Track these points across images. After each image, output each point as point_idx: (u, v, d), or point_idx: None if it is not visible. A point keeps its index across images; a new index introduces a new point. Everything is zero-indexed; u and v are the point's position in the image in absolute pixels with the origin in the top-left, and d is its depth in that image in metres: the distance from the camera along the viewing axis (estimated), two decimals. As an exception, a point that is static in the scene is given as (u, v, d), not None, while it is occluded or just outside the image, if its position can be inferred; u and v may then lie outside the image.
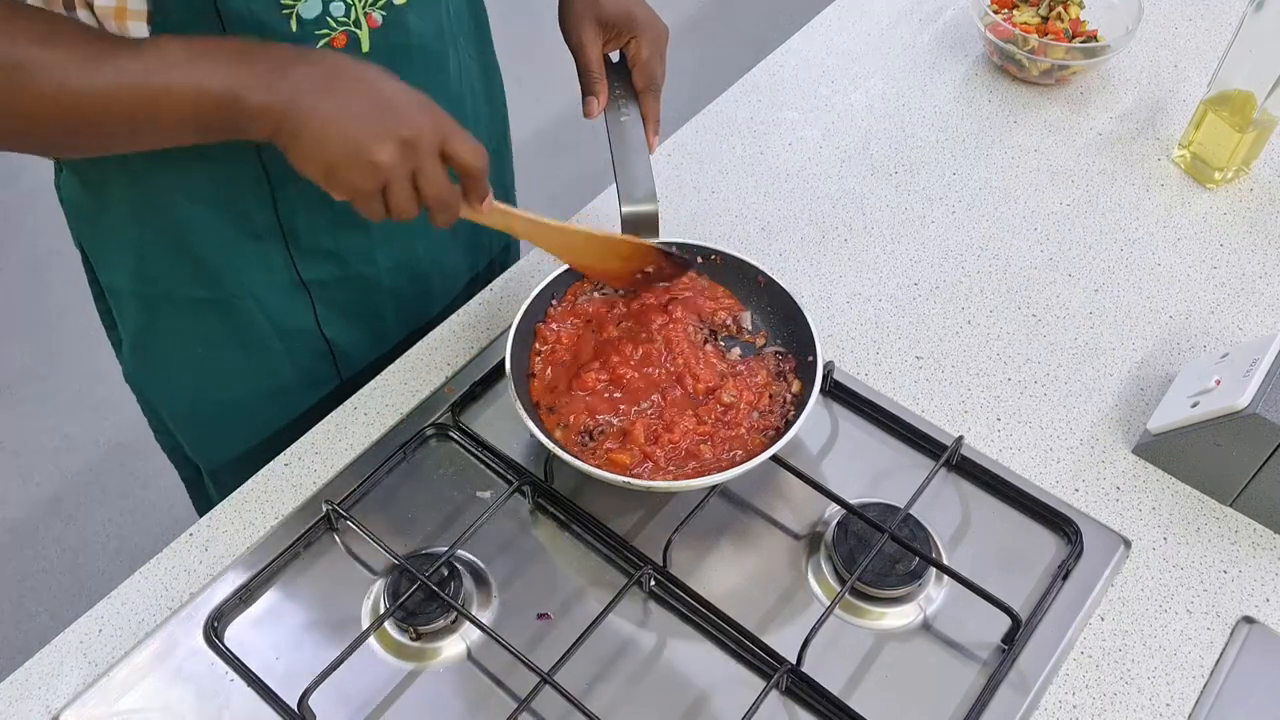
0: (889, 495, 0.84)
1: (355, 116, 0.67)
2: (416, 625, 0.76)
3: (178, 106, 0.67)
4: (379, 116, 0.67)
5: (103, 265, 0.91)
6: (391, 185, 0.69)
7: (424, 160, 0.69)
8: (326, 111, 0.66)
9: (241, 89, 0.66)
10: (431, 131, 0.69)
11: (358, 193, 0.69)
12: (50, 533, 1.95)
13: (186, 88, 0.66)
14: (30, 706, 0.74)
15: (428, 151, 0.69)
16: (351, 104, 0.67)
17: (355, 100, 0.67)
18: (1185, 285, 1.02)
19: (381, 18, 0.78)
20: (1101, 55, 1.18)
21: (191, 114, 0.67)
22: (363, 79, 0.69)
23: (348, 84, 0.68)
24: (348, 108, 0.67)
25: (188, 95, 0.66)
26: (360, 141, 0.67)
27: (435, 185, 0.70)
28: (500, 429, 0.89)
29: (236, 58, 0.68)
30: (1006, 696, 0.75)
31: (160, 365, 0.96)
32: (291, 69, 0.67)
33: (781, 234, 1.06)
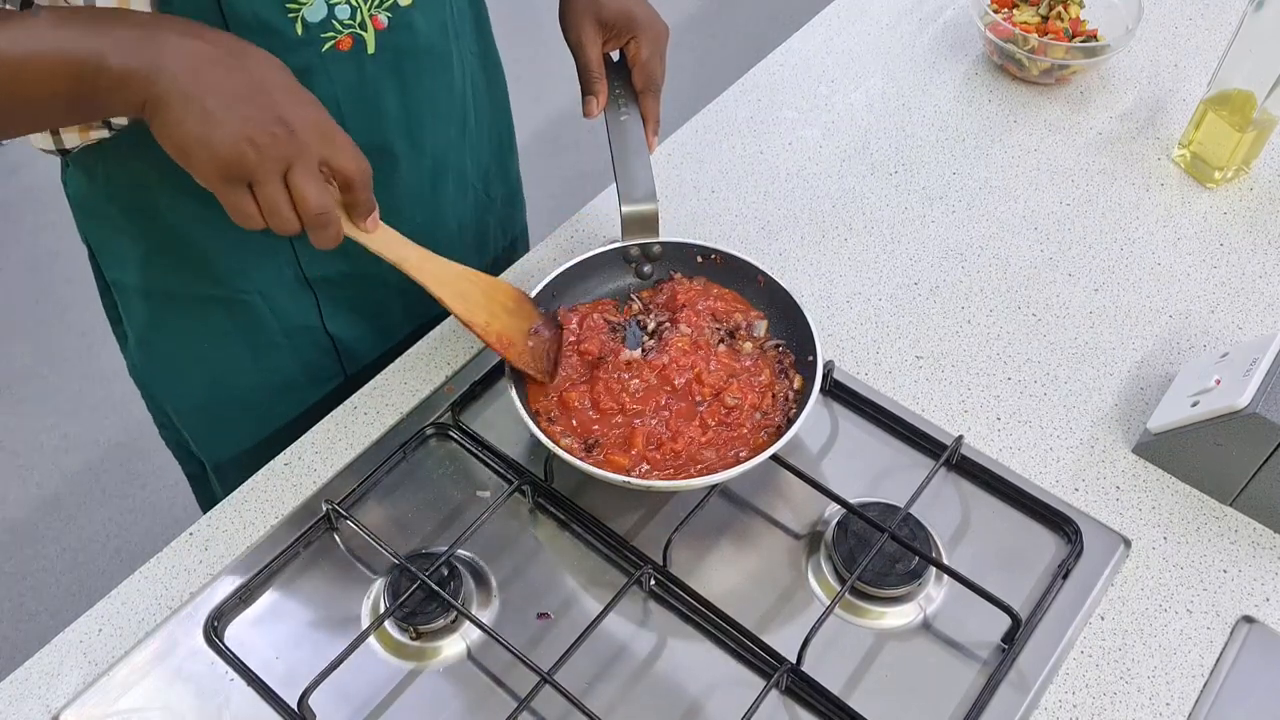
0: (889, 495, 0.84)
1: (226, 96, 0.62)
2: (416, 625, 0.76)
3: (39, 76, 0.63)
4: (252, 100, 0.62)
5: (109, 261, 0.91)
6: (259, 179, 0.63)
7: (297, 158, 0.64)
8: (191, 85, 0.61)
9: (105, 53, 0.62)
10: (309, 128, 0.64)
11: (219, 180, 0.63)
12: (50, 532, 1.95)
13: (48, 54, 0.62)
14: (30, 706, 0.74)
15: (302, 149, 0.64)
16: (226, 82, 0.62)
17: (231, 79, 0.62)
18: (1185, 285, 1.02)
19: (387, 19, 0.78)
20: (1101, 55, 1.18)
21: (52, 84, 0.63)
22: (246, 62, 0.64)
23: (227, 62, 0.63)
24: (221, 86, 0.62)
25: (49, 63, 0.62)
26: (222, 121, 0.61)
27: (306, 189, 0.64)
28: (500, 428, 0.89)
29: (106, 24, 0.63)
30: (1006, 696, 0.75)
31: (166, 361, 0.96)
32: (167, 37, 0.62)
33: (781, 233, 1.06)
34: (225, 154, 0.62)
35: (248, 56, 0.64)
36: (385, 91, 0.82)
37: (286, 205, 0.65)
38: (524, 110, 1.13)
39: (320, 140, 0.65)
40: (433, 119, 0.88)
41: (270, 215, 0.65)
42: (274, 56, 0.66)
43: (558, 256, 1.03)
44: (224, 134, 0.61)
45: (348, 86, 0.80)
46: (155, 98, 0.62)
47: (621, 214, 0.92)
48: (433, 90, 0.86)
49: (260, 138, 0.62)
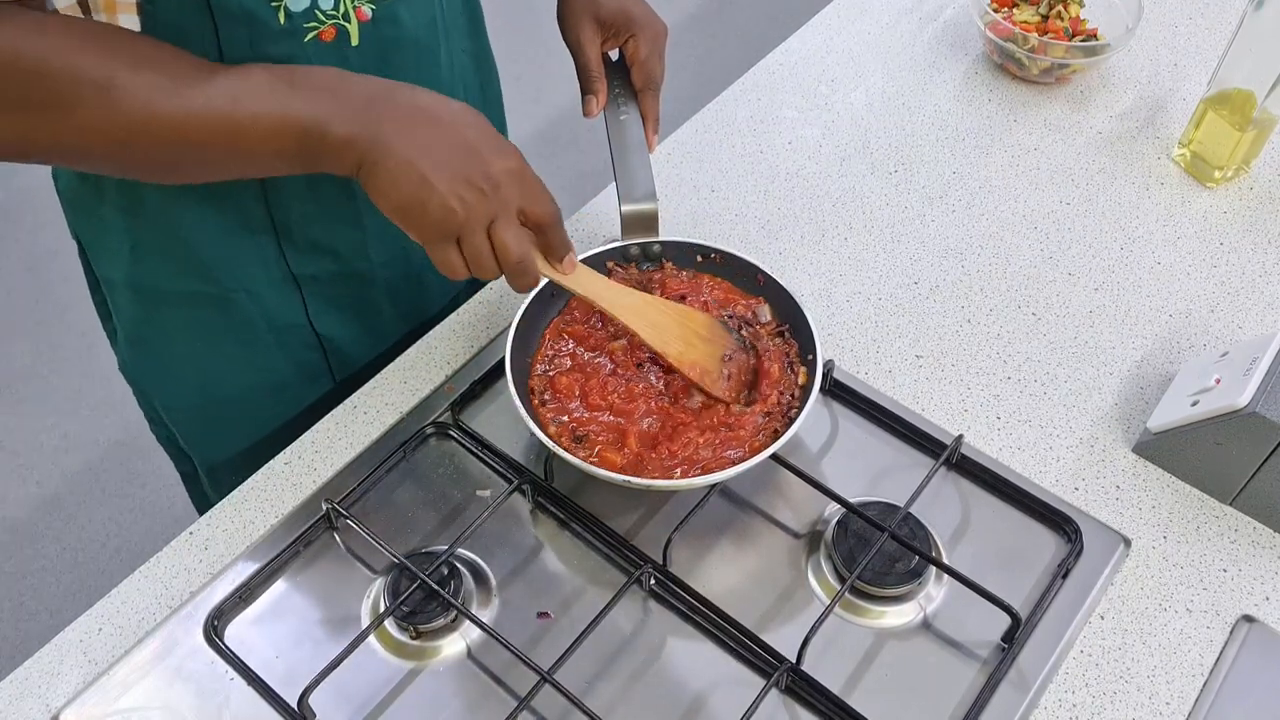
0: (889, 494, 0.84)
1: (435, 159, 0.67)
2: (416, 624, 0.76)
3: (264, 135, 0.67)
4: (459, 161, 0.68)
5: (98, 257, 0.91)
6: (465, 234, 0.69)
7: (499, 211, 0.69)
8: (407, 150, 0.67)
9: (328, 120, 0.67)
10: (510, 181, 0.69)
11: (430, 237, 0.69)
12: (50, 531, 1.95)
13: (274, 116, 0.67)
14: (30, 705, 0.74)
15: (503, 204, 0.69)
16: (434, 146, 0.67)
17: (439, 142, 0.68)
18: (1185, 284, 1.02)
19: (371, 11, 0.78)
20: (1101, 54, 1.18)
21: (275, 143, 0.68)
22: (451, 122, 0.69)
23: (434, 125, 0.68)
24: (429, 149, 0.67)
25: (274, 123, 0.67)
26: (435, 184, 0.67)
27: (507, 239, 0.70)
28: (500, 428, 0.89)
29: (326, 88, 0.68)
30: (1006, 695, 0.75)
31: (155, 358, 0.95)
32: (380, 104, 0.68)
33: (781, 233, 1.06)
34: (438, 216, 0.68)
35: (452, 114, 0.70)
36: None
37: (489, 256, 0.70)
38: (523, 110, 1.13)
39: (519, 191, 0.70)
40: None
41: (474, 266, 0.71)
42: (475, 110, 0.71)
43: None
44: (437, 197, 0.67)
45: None
46: (372, 163, 0.67)
47: (621, 213, 0.92)
48: (418, 84, 0.86)
49: (469, 196, 0.68)
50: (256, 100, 0.67)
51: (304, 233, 0.87)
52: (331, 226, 0.89)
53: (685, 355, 0.83)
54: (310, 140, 0.67)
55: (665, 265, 0.93)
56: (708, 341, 0.85)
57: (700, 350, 0.84)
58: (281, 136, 0.67)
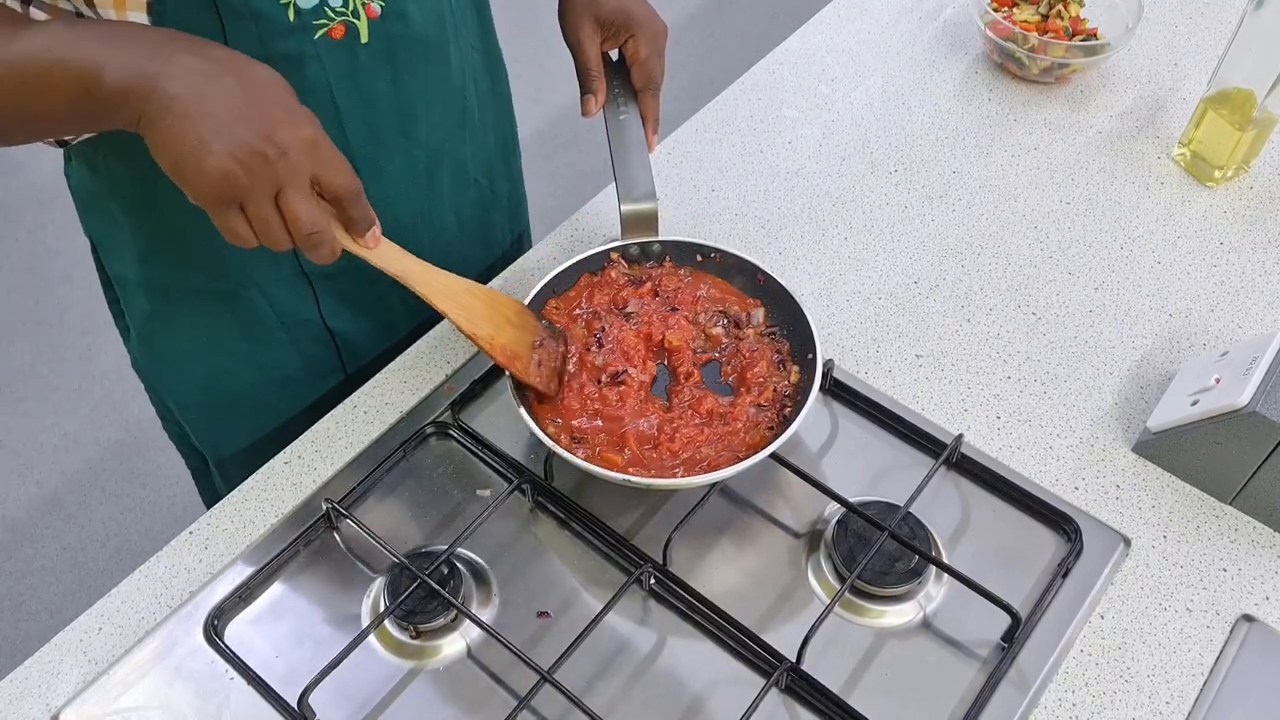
0: (889, 493, 0.84)
1: (217, 117, 0.61)
2: (416, 623, 0.76)
3: (42, 84, 0.64)
4: (244, 122, 0.62)
5: (110, 256, 0.91)
6: (248, 201, 0.63)
7: (288, 179, 0.63)
8: (189, 104, 0.61)
9: (104, 65, 0.62)
10: (300, 148, 0.63)
11: (207, 200, 0.63)
12: (50, 531, 1.95)
13: (52, 63, 0.63)
14: (30, 704, 0.74)
15: (292, 171, 0.63)
16: (220, 103, 0.62)
17: (224, 100, 0.62)
18: (1185, 283, 1.02)
19: (380, 8, 0.78)
20: (1101, 53, 1.18)
21: (51, 93, 0.64)
22: (242, 81, 0.63)
23: (222, 81, 0.62)
24: (215, 106, 0.61)
25: (50, 70, 0.63)
26: (211, 144, 0.61)
27: (298, 209, 0.64)
28: (500, 427, 0.89)
29: (112, 37, 0.64)
30: (1006, 694, 0.75)
31: (167, 354, 0.96)
32: (167, 54, 0.62)
33: (781, 232, 1.06)
34: (215, 176, 0.62)
35: (247, 74, 0.64)
36: (378, 80, 0.82)
37: (279, 225, 0.65)
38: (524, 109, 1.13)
39: (311, 159, 0.64)
40: (426, 110, 0.88)
41: (262, 235, 0.65)
42: (276, 73, 0.66)
43: (557, 255, 1.03)
44: (215, 156, 0.61)
45: (340, 74, 0.80)
46: (150, 115, 0.62)
47: (621, 213, 0.92)
48: (426, 81, 0.86)
49: (250, 160, 0.62)
50: (37, 49, 0.64)
51: None
52: None
53: (495, 339, 0.81)
54: (83, 88, 0.63)
55: (665, 263, 0.93)
56: (517, 327, 0.83)
57: (509, 335, 0.82)
58: (57, 87, 0.63)
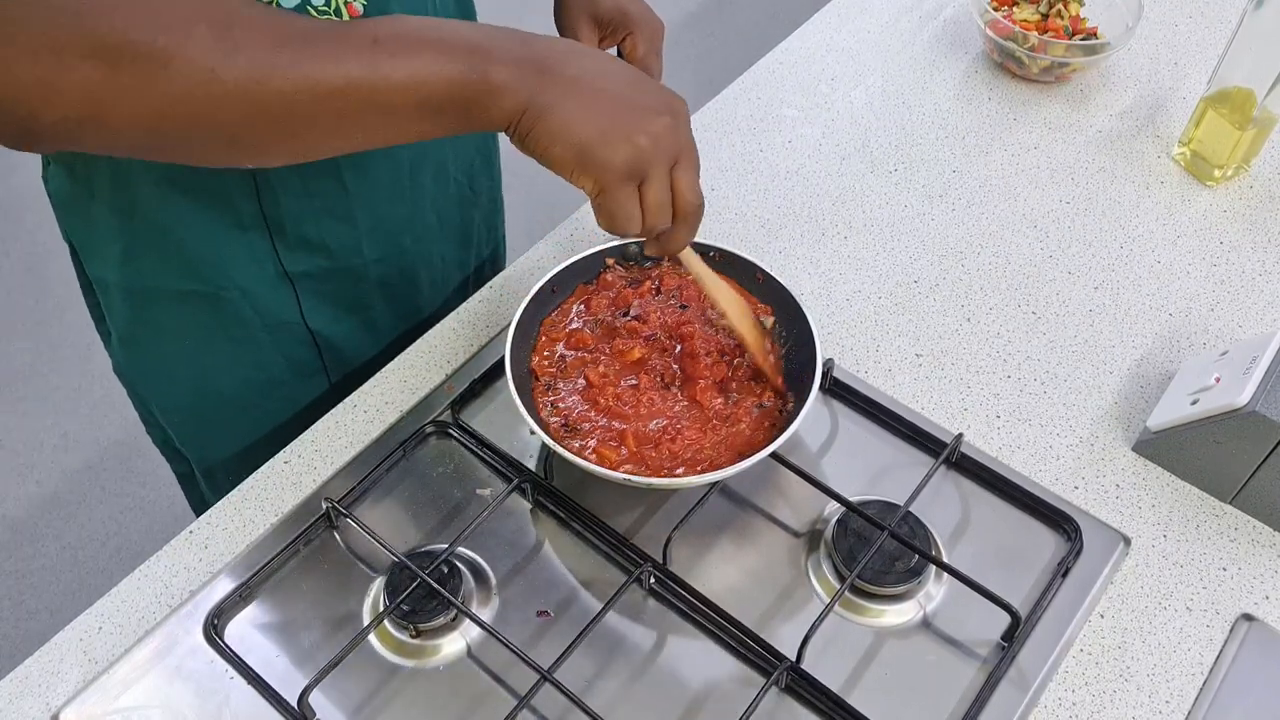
0: (888, 493, 0.84)
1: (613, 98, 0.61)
2: (416, 623, 0.76)
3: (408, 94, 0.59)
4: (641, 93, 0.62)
5: (90, 258, 0.91)
6: (652, 174, 0.62)
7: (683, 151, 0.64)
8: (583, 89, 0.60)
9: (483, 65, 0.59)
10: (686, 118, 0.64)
11: (619, 179, 0.62)
12: (50, 530, 1.95)
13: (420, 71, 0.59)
14: (30, 704, 0.74)
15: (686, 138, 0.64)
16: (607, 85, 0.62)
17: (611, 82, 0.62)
18: (1185, 283, 1.02)
19: (362, 7, 0.78)
20: (1101, 53, 1.18)
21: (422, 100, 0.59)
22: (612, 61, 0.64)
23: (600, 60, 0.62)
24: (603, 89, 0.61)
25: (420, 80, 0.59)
26: (619, 118, 0.61)
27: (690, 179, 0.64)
28: (500, 426, 0.89)
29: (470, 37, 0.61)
30: (1006, 694, 0.75)
31: (149, 358, 0.95)
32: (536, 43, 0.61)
33: (781, 231, 1.06)
34: (630, 152, 0.61)
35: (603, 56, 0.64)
36: None
37: (669, 203, 0.65)
38: (522, 108, 1.12)
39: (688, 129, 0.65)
40: None
41: (653, 213, 0.64)
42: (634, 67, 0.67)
43: (556, 254, 1.03)
44: (622, 129, 0.60)
45: None
46: (545, 103, 0.60)
47: (621, 212, 0.92)
48: None
49: (659, 132, 0.62)
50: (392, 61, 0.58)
51: (296, 229, 0.87)
52: (324, 223, 0.88)
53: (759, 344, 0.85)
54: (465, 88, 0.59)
55: (664, 263, 0.93)
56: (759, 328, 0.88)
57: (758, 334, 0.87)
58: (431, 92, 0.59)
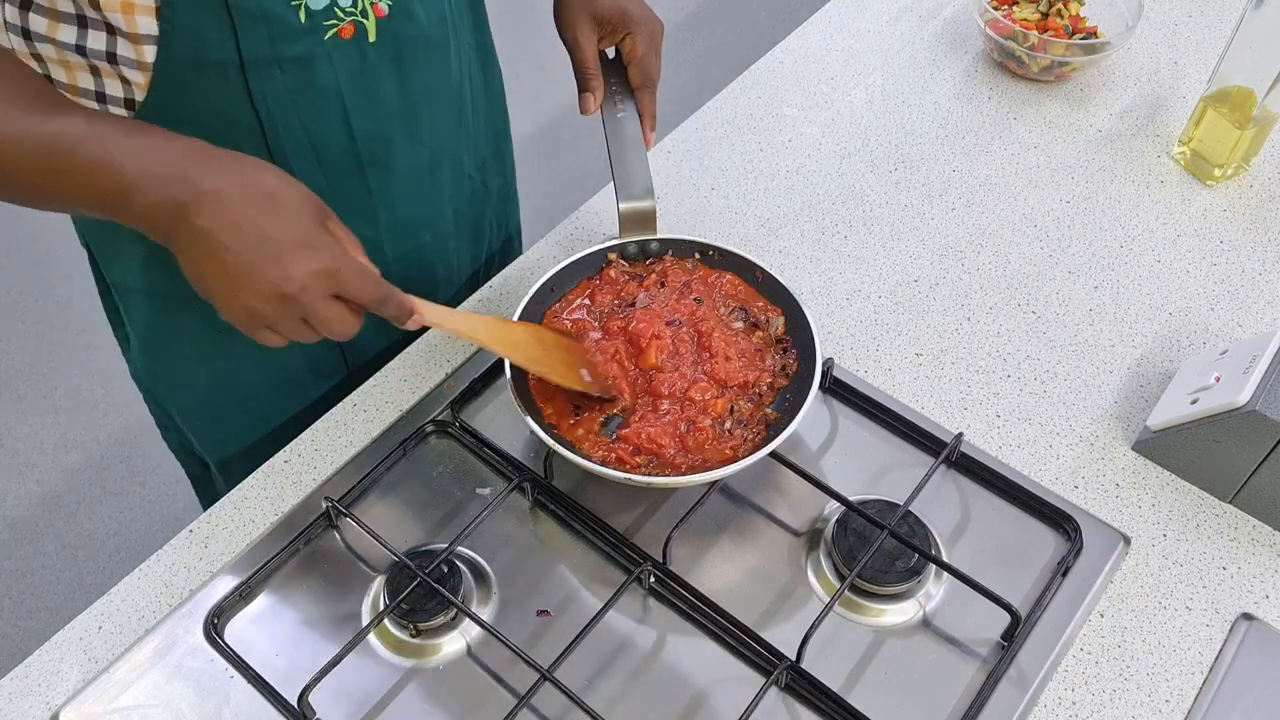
0: (888, 492, 0.84)
1: (243, 255, 0.65)
2: (416, 622, 0.76)
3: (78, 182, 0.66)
4: (266, 257, 0.65)
5: (110, 263, 0.91)
6: (277, 326, 0.68)
7: (311, 308, 0.67)
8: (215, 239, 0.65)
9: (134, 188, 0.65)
10: (318, 282, 0.66)
11: (239, 324, 0.68)
12: (50, 530, 1.95)
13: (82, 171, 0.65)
14: (30, 703, 0.75)
15: (312, 301, 0.67)
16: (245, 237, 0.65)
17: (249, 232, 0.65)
18: (1185, 282, 1.02)
19: (388, 7, 0.78)
20: (1101, 52, 1.18)
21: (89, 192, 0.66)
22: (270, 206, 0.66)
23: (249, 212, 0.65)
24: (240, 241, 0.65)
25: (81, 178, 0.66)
26: (238, 285, 0.65)
27: (327, 325, 0.68)
28: (500, 426, 0.89)
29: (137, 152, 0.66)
30: (1006, 693, 0.75)
31: (171, 361, 0.96)
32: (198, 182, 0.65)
33: (781, 230, 1.06)
34: (242, 315, 0.67)
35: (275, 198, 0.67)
36: (385, 80, 0.83)
37: (313, 335, 0.69)
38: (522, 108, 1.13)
39: (330, 285, 0.67)
40: (429, 108, 0.88)
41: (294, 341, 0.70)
42: (300, 188, 0.69)
43: (556, 254, 1.03)
44: (242, 297, 0.66)
45: (349, 74, 0.80)
46: (178, 242, 0.66)
47: (619, 211, 0.92)
48: (430, 79, 0.86)
49: (274, 300, 0.66)
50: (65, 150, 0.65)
51: None
52: (347, 222, 0.88)
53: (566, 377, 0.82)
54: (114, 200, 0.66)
55: (666, 258, 0.93)
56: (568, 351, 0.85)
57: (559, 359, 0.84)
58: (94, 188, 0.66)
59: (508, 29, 1.07)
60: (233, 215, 0.65)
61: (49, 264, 2.35)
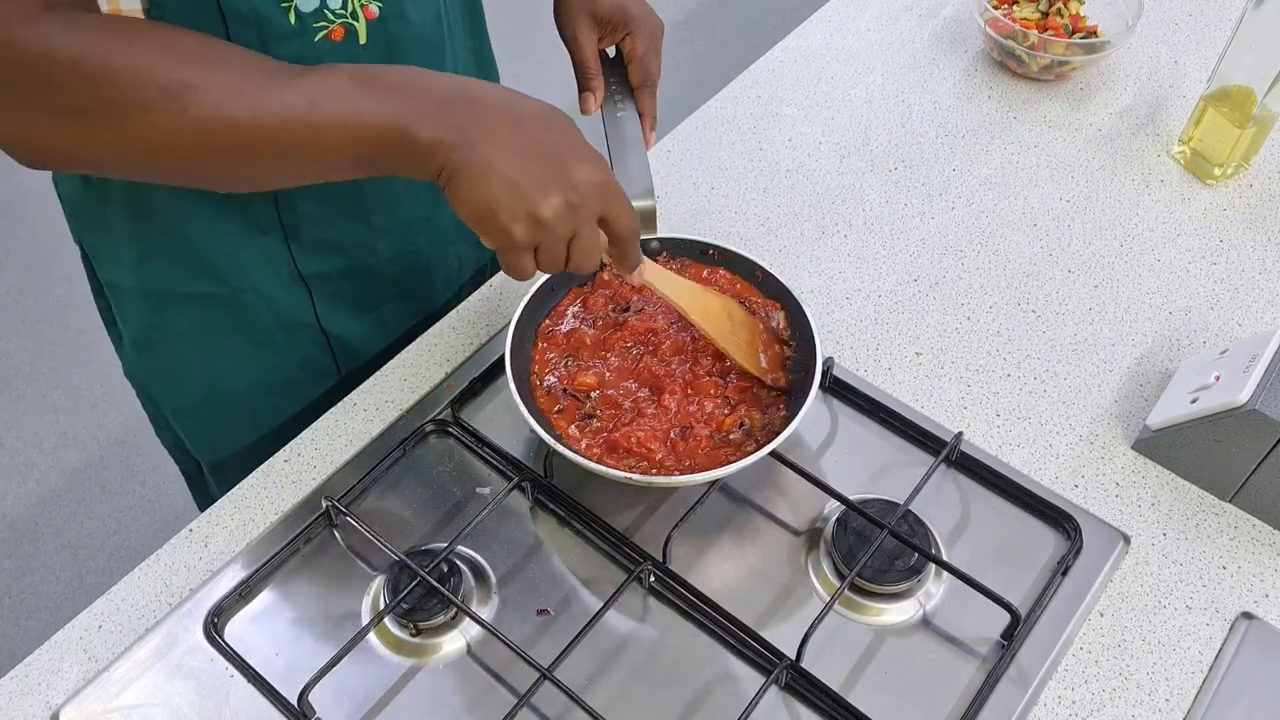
0: (888, 491, 0.84)
1: (523, 165, 0.64)
2: (416, 621, 0.76)
3: (341, 139, 0.64)
4: (548, 170, 0.65)
5: (103, 262, 0.91)
6: (546, 243, 0.66)
7: (583, 225, 0.67)
8: (493, 154, 0.63)
9: (408, 123, 0.63)
10: (593, 192, 0.66)
11: (511, 243, 0.66)
12: (50, 529, 1.95)
13: (351, 119, 0.64)
14: (30, 703, 0.75)
15: (588, 216, 0.67)
16: (521, 151, 0.64)
17: (525, 148, 0.65)
18: (1185, 281, 1.02)
19: (378, 9, 0.78)
20: (1101, 51, 1.18)
21: (354, 148, 0.64)
22: (535, 125, 0.66)
23: (519, 128, 0.65)
24: (516, 154, 0.64)
25: (352, 127, 0.64)
26: (525, 193, 0.64)
27: (586, 251, 0.68)
28: (500, 425, 0.89)
29: (405, 89, 0.65)
30: (1006, 692, 0.75)
31: (164, 361, 0.95)
32: (461, 104, 0.65)
33: (781, 230, 1.06)
34: (525, 229, 0.65)
35: (540, 118, 0.67)
36: None
37: (562, 262, 0.68)
38: (523, 107, 1.12)
39: (601, 200, 0.67)
40: None
41: (546, 267, 0.69)
42: (561, 111, 0.68)
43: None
44: (525, 206, 0.64)
45: None
46: (454, 166, 0.64)
47: (621, 210, 0.92)
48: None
49: (556, 210, 0.65)
50: (334, 103, 0.63)
51: (312, 231, 0.88)
52: (340, 224, 0.89)
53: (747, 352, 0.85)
54: (390, 144, 0.64)
55: (659, 257, 0.93)
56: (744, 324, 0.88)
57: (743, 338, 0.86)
58: (360, 141, 0.64)
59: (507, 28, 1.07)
60: (510, 129, 0.65)
61: (49, 264, 2.35)
